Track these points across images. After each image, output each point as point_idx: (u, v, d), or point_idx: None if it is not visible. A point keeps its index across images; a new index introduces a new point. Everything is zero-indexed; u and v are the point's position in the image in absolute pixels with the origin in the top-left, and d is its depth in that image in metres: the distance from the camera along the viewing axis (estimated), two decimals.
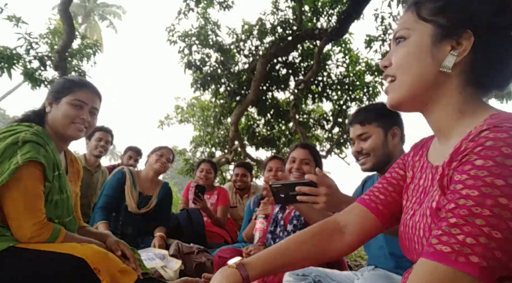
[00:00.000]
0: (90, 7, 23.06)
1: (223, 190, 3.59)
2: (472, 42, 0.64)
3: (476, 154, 0.55)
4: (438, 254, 0.54)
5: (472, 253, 0.51)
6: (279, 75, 7.55)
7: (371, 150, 1.45)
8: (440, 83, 0.68)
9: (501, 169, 0.52)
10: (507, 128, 0.55)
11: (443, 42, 0.67)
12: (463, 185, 0.55)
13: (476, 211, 0.53)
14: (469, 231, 0.52)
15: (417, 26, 0.70)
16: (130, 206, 2.77)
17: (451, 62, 0.65)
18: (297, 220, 1.96)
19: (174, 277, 2.13)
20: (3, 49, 4.70)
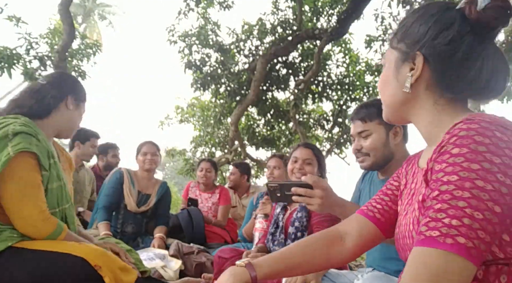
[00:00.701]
0: (90, 7, 23.05)
1: (224, 190, 3.59)
2: (422, 61, 0.73)
3: (452, 143, 0.61)
4: (428, 239, 0.57)
5: (459, 233, 0.55)
6: (279, 75, 7.55)
7: (371, 149, 1.42)
8: (411, 100, 0.77)
9: (475, 154, 0.57)
10: (478, 120, 0.61)
11: (404, 65, 0.76)
12: (444, 173, 0.60)
13: (457, 194, 0.57)
14: (453, 214, 0.56)
15: (388, 55, 0.81)
16: (129, 204, 2.78)
17: (408, 82, 0.75)
18: (299, 223, 1.93)
19: (174, 277, 2.13)
20: (3, 49, 4.70)
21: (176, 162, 21.59)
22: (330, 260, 0.88)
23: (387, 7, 5.50)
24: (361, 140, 1.44)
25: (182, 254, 2.40)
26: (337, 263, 0.89)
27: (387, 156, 1.42)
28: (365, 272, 1.44)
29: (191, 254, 2.42)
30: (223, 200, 3.48)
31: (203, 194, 3.55)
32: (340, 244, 0.88)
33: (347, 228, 0.90)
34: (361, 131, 1.43)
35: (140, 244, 2.70)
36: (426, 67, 0.73)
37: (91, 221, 2.82)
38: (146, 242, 2.74)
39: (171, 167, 24.79)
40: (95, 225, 2.68)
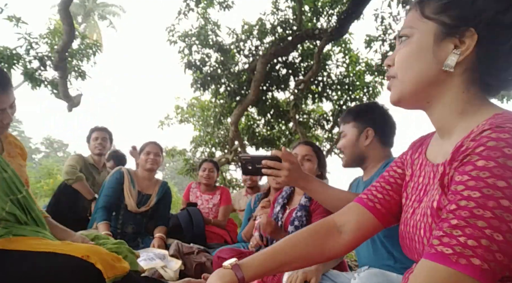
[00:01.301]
0: (90, 6, 23.05)
1: (225, 190, 3.59)
2: (475, 40, 0.63)
3: (477, 154, 0.55)
4: (439, 255, 0.54)
5: (474, 255, 0.51)
6: (279, 75, 7.55)
7: (343, 148, 1.56)
8: (442, 82, 0.68)
9: (503, 170, 0.52)
10: (510, 129, 0.55)
11: (446, 40, 0.66)
12: (465, 186, 0.55)
13: (477, 212, 0.52)
14: (470, 233, 0.52)
15: (420, 25, 0.69)
16: (129, 205, 2.78)
17: (454, 61, 0.65)
18: (298, 221, 1.93)
19: (174, 277, 2.13)
20: (3, 49, 4.70)
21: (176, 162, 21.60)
22: (325, 253, 0.84)
23: (387, 7, 5.51)
24: (342, 140, 1.60)
25: (182, 254, 2.40)
26: (332, 256, 0.85)
27: (358, 155, 1.54)
28: (361, 271, 1.45)
29: (191, 254, 2.41)
30: (224, 201, 3.48)
31: (203, 195, 3.55)
32: (336, 236, 0.84)
33: (344, 219, 0.85)
34: (341, 132, 1.61)
35: (140, 244, 2.69)
36: (474, 48, 0.64)
37: (91, 222, 2.82)
38: (146, 242, 2.74)
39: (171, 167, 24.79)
40: (95, 225, 2.68)
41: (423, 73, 0.68)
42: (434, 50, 0.67)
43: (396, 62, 0.72)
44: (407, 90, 0.71)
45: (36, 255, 1.24)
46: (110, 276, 1.22)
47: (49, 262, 1.22)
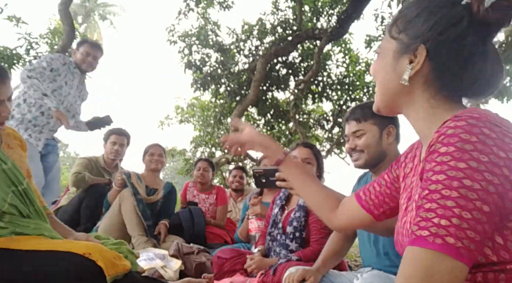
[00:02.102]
0: (90, 6, 23.06)
1: (221, 190, 3.59)
2: (425, 55, 0.71)
3: (440, 142, 0.60)
4: (418, 239, 0.57)
5: (447, 234, 0.55)
6: (279, 75, 7.55)
7: (365, 147, 1.45)
8: (406, 93, 0.76)
9: (462, 153, 0.57)
10: (466, 117, 0.60)
11: (403, 57, 0.74)
12: (433, 172, 0.60)
13: (445, 193, 0.57)
14: (442, 213, 0.56)
15: (386, 44, 0.79)
16: (140, 192, 2.89)
17: (407, 74, 0.73)
18: (297, 222, 1.93)
19: (174, 277, 2.13)
20: (3, 49, 4.71)
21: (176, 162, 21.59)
22: (324, 214, 0.98)
23: (387, 7, 5.52)
24: (355, 139, 1.48)
25: (182, 254, 2.40)
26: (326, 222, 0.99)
27: (380, 155, 1.45)
28: (365, 272, 1.45)
29: (191, 254, 2.41)
30: (221, 201, 3.48)
31: (200, 195, 3.55)
32: (334, 211, 0.97)
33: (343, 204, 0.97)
34: (356, 131, 1.47)
35: None
36: (426, 62, 0.72)
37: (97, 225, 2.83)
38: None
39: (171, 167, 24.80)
40: None
41: (387, 86, 0.78)
42: (393, 66, 0.76)
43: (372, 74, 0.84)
44: (381, 101, 0.81)
45: (37, 254, 1.24)
46: (111, 273, 1.22)
47: (51, 260, 1.22)
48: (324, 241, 1.85)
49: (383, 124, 1.45)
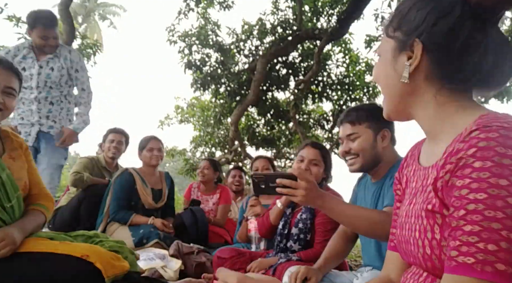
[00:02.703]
0: (90, 7, 23.06)
1: (225, 189, 3.57)
2: (421, 49, 0.68)
3: (472, 156, 0.55)
4: (462, 266, 0.52)
5: (498, 260, 0.50)
6: (279, 75, 7.55)
7: (360, 150, 1.43)
8: (411, 92, 0.72)
9: (501, 169, 0.52)
10: (497, 127, 0.56)
11: (401, 54, 0.71)
12: (469, 190, 0.54)
13: (489, 214, 0.51)
14: (487, 237, 0.51)
15: (384, 44, 0.76)
16: (147, 203, 2.84)
17: (407, 72, 0.70)
18: (303, 224, 1.92)
19: (174, 277, 2.13)
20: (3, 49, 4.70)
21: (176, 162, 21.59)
22: None
23: (387, 7, 5.51)
24: (349, 143, 1.46)
25: (182, 254, 2.40)
26: None
27: (375, 159, 1.44)
28: (365, 271, 1.45)
29: (191, 254, 2.41)
30: (224, 200, 3.47)
31: (204, 196, 3.54)
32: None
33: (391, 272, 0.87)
34: (350, 134, 1.45)
35: None
36: (424, 56, 0.68)
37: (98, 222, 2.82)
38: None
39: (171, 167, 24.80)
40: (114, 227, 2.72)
41: (391, 88, 0.74)
42: (393, 65, 0.73)
43: (374, 79, 0.80)
44: (389, 106, 0.77)
45: (35, 256, 1.24)
46: (109, 275, 1.22)
47: (48, 262, 1.21)
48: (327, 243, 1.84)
49: (378, 127, 1.43)
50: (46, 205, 1.48)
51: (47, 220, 1.47)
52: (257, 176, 1.17)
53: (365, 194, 1.53)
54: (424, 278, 0.67)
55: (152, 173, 2.99)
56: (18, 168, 1.42)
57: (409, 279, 0.71)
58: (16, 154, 1.45)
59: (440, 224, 0.62)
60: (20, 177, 1.40)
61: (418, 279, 0.69)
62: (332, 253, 1.51)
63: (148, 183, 2.93)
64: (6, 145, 1.45)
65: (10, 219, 1.32)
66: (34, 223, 1.38)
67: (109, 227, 2.75)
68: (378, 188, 1.44)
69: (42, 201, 1.48)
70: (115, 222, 2.75)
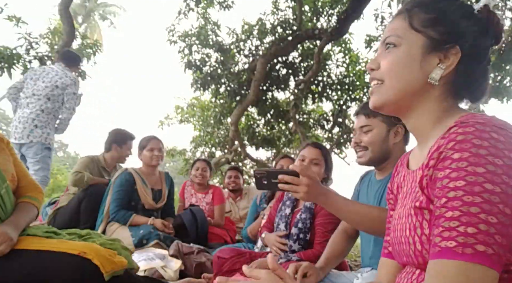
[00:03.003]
0: (90, 7, 23.05)
1: (218, 189, 3.58)
2: (459, 57, 0.69)
3: (451, 149, 0.59)
4: (444, 251, 0.55)
5: (477, 242, 0.52)
6: (279, 75, 7.55)
7: (370, 143, 1.43)
8: (424, 92, 0.72)
9: (478, 158, 0.56)
10: (473, 123, 0.60)
11: (432, 54, 0.70)
12: (449, 179, 0.58)
13: (467, 200, 0.55)
14: (467, 221, 0.54)
15: (408, 35, 0.73)
16: (147, 203, 2.84)
17: (438, 74, 0.69)
18: (302, 224, 1.92)
19: (174, 277, 2.13)
20: (3, 49, 4.70)
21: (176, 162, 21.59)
22: None
23: (387, 7, 5.51)
24: (361, 135, 1.46)
25: (182, 254, 2.40)
26: None
27: (385, 153, 1.43)
28: (364, 272, 1.45)
29: (191, 254, 2.41)
30: (218, 200, 3.47)
31: (197, 194, 3.56)
32: None
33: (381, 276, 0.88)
34: (363, 126, 1.45)
35: None
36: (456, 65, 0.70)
37: (98, 223, 2.82)
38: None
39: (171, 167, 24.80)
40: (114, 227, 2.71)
41: (409, 83, 0.72)
42: (421, 62, 0.71)
43: (384, 69, 0.75)
44: (392, 98, 0.74)
45: (32, 254, 1.24)
46: (108, 270, 1.22)
47: (46, 260, 1.21)
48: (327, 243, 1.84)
49: (392, 122, 1.42)
50: (36, 196, 1.49)
51: (39, 212, 1.47)
52: (259, 171, 1.16)
53: (368, 192, 1.53)
54: (417, 276, 0.69)
55: (152, 173, 2.99)
56: (3, 160, 1.42)
57: (403, 279, 0.73)
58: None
59: (428, 220, 0.64)
60: (6, 168, 1.40)
61: (411, 277, 0.70)
62: (333, 253, 1.51)
63: (148, 183, 2.92)
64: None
65: (2, 211, 1.32)
66: (27, 218, 1.39)
67: (109, 227, 2.75)
68: (382, 186, 1.44)
69: (31, 193, 1.48)
70: (115, 222, 2.75)
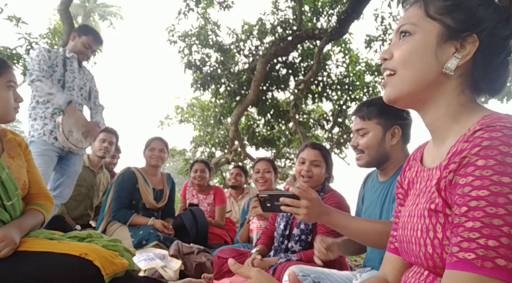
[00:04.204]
0: (90, 7, 23.06)
1: (219, 190, 3.59)
2: (476, 47, 0.65)
3: (475, 155, 0.56)
4: (463, 262, 0.53)
5: (498, 256, 0.50)
6: (279, 75, 7.55)
7: (365, 147, 1.43)
8: (439, 84, 0.68)
9: (504, 167, 0.53)
10: (500, 127, 0.56)
11: (448, 43, 0.67)
12: (471, 187, 0.55)
13: (490, 211, 0.52)
14: (488, 233, 0.51)
15: (424, 23, 0.69)
16: (148, 202, 2.84)
17: (454, 64, 0.66)
18: (304, 225, 1.92)
19: (174, 277, 2.13)
20: (3, 49, 4.71)
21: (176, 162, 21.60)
22: None
23: (387, 7, 5.52)
24: (358, 137, 1.46)
25: (182, 254, 2.40)
26: None
27: (382, 156, 1.42)
28: (364, 272, 1.44)
29: (191, 254, 2.41)
30: (219, 201, 3.48)
31: (199, 195, 3.56)
32: None
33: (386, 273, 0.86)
34: (359, 129, 1.45)
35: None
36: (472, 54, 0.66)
37: (98, 223, 2.82)
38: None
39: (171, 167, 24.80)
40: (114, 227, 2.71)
41: (423, 73, 0.68)
42: (436, 51, 0.67)
43: (397, 58, 0.71)
44: (406, 89, 0.70)
45: (34, 255, 1.24)
46: (109, 272, 1.22)
47: (48, 261, 1.21)
48: None
49: (388, 124, 1.41)
50: (45, 205, 1.47)
51: (45, 221, 1.46)
52: (262, 195, 1.23)
53: (371, 194, 1.52)
54: (425, 277, 0.67)
55: (154, 173, 3.01)
56: (17, 167, 1.42)
57: (410, 278, 0.71)
58: (15, 153, 1.45)
59: (443, 224, 0.62)
60: (19, 176, 1.40)
61: (419, 278, 0.69)
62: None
63: (150, 183, 2.94)
64: (5, 144, 1.45)
65: (10, 218, 1.32)
66: (32, 222, 1.38)
67: (109, 227, 2.75)
68: (385, 187, 1.43)
69: (41, 201, 1.47)
70: (116, 221, 2.75)
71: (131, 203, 2.81)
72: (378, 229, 1.16)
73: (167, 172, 3.20)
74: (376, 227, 1.17)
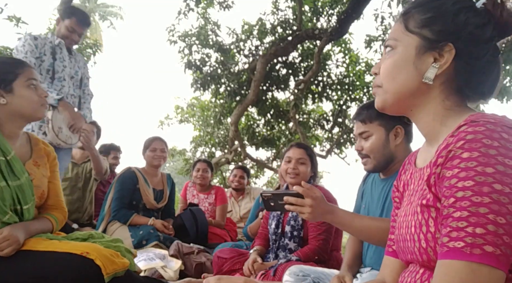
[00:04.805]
0: (90, 7, 23.07)
1: (220, 190, 3.59)
2: (453, 55, 0.68)
3: (460, 148, 0.58)
4: (452, 251, 0.55)
5: (485, 242, 0.52)
6: (279, 75, 7.55)
7: (371, 151, 1.41)
8: (422, 92, 0.72)
9: (487, 158, 0.55)
10: (484, 122, 0.59)
11: (427, 54, 0.70)
12: (457, 179, 0.57)
13: (476, 200, 0.54)
14: (475, 221, 0.53)
15: (404, 38, 0.73)
16: (148, 203, 2.84)
17: (433, 73, 0.69)
18: (294, 221, 1.94)
19: (174, 277, 2.13)
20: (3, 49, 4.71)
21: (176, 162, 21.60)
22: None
23: (387, 7, 5.53)
24: (362, 141, 1.45)
25: (182, 254, 2.40)
26: None
27: (388, 158, 1.41)
28: (364, 272, 1.44)
29: (191, 254, 2.41)
30: (220, 200, 3.48)
31: (200, 195, 3.56)
32: None
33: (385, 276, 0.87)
34: (362, 132, 1.43)
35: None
36: (452, 62, 0.68)
37: (98, 223, 2.82)
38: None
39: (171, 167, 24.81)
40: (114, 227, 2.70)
41: (405, 84, 0.72)
42: (415, 62, 0.71)
43: (381, 73, 0.76)
44: (389, 100, 0.75)
45: (36, 254, 1.25)
46: (109, 272, 1.22)
47: (49, 260, 1.22)
48: (321, 237, 1.86)
49: (390, 124, 1.40)
50: (58, 217, 1.50)
51: (53, 231, 1.48)
52: (266, 194, 1.22)
53: (373, 191, 1.52)
54: (420, 275, 0.69)
55: (155, 173, 3.00)
56: (40, 175, 1.44)
57: (406, 278, 0.73)
58: (41, 162, 1.48)
59: (434, 218, 0.64)
60: (40, 184, 1.43)
61: (415, 276, 0.70)
62: (352, 257, 1.49)
63: (150, 183, 2.93)
64: (34, 152, 1.48)
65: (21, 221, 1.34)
66: (38, 227, 1.40)
67: (109, 227, 2.75)
68: (387, 185, 1.42)
69: (54, 212, 1.50)
70: (116, 221, 2.75)
71: (131, 203, 2.81)
72: (383, 227, 1.16)
73: (167, 172, 3.20)
74: (381, 225, 1.17)
